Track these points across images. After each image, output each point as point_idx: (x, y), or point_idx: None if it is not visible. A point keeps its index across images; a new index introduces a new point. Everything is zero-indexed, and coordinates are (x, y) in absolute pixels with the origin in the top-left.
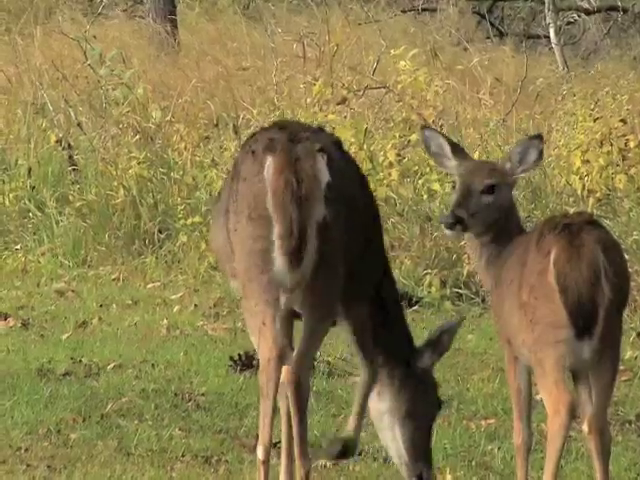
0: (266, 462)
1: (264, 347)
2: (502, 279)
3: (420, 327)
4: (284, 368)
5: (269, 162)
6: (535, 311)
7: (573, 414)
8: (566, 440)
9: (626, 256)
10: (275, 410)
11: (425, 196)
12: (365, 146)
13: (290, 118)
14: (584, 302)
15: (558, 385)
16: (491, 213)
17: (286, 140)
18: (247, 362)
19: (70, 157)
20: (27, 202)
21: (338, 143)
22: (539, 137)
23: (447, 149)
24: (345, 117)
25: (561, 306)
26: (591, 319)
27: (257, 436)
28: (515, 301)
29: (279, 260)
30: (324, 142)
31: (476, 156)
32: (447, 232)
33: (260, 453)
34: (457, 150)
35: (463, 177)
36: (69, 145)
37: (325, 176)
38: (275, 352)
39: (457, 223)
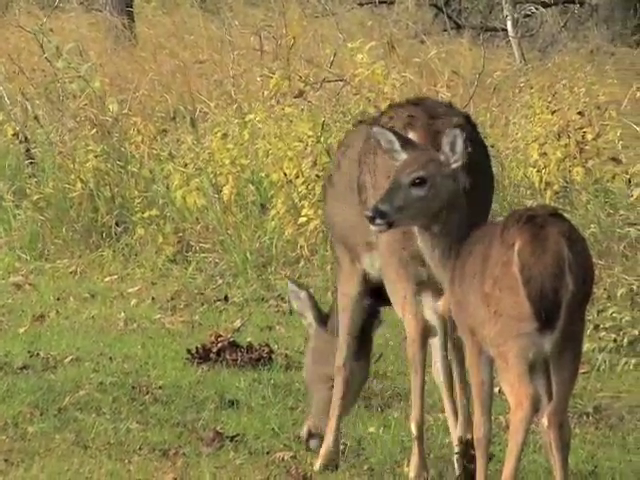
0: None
1: (410, 322)
2: (465, 272)
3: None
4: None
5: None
6: (499, 303)
7: (536, 407)
8: (527, 433)
9: None
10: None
11: None
12: (322, 139)
13: (248, 110)
14: (547, 294)
15: (521, 378)
16: (425, 206)
17: (425, 116)
18: (204, 355)
19: (27, 150)
20: None
21: (468, 117)
22: (459, 126)
23: (396, 144)
24: (302, 110)
25: (524, 298)
26: (554, 312)
27: (214, 429)
28: (479, 294)
29: None
30: (458, 117)
31: None
32: (371, 227)
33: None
34: (406, 143)
35: (395, 170)
36: (26, 138)
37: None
38: (420, 328)
39: (379, 217)
